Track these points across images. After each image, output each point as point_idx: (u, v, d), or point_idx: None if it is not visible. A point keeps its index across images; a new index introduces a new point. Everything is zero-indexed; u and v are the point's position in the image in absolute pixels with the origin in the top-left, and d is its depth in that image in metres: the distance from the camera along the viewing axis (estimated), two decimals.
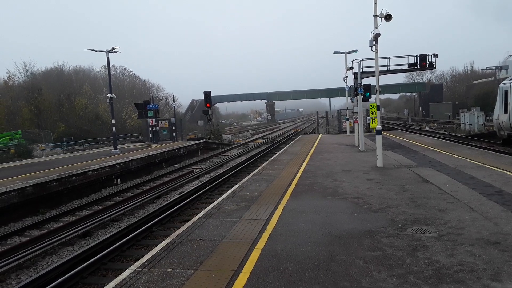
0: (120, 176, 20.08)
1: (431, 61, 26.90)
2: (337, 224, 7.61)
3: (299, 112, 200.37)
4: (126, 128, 54.60)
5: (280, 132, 59.66)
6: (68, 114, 51.37)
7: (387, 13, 13.63)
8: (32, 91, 50.08)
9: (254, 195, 10.76)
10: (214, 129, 41.17)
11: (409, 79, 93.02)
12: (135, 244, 10.05)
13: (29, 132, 44.02)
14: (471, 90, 69.19)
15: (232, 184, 16.20)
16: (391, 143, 23.46)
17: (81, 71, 68.51)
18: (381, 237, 6.71)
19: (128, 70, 69.54)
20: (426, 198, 9.28)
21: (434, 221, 7.49)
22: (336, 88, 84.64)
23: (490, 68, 64.90)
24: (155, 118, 33.65)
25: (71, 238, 10.85)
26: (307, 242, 6.67)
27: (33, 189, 14.42)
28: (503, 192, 9.47)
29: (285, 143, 35.37)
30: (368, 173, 13.37)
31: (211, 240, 7.03)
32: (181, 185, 18.24)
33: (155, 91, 70.05)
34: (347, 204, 9.13)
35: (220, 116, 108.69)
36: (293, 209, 8.89)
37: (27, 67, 59.22)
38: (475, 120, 37.63)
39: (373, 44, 14.37)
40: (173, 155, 26.65)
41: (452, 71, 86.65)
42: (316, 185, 11.58)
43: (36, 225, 12.81)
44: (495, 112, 20.61)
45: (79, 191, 16.92)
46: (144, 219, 11.95)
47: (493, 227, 6.96)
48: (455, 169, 13.17)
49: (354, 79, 24.48)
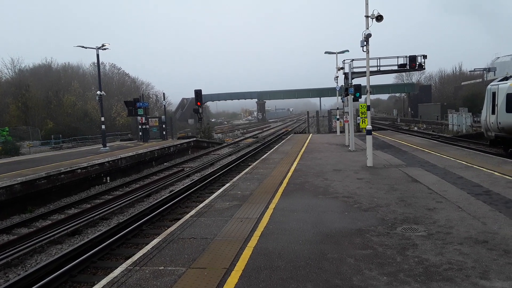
0: (109, 174, 19.91)
1: (421, 62, 27.07)
2: (328, 223, 7.66)
3: (289, 112, 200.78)
4: (115, 126, 54.10)
5: (270, 131, 59.73)
6: (56, 111, 50.71)
7: (378, 14, 13.74)
8: (19, 87, 49.33)
9: (245, 193, 10.77)
10: (205, 128, 41.07)
11: (398, 80, 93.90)
12: (125, 243, 9.99)
13: (17, 129, 43.34)
14: (459, 91, 70.07)
15: (223, 183, 16.20)
16: (380, 143, 23.66)
17: (70, 68, 67.62)
18: (372, 236, 6.77)
19: (117, 67, 68.84)
20: (415, 198, 9.39)
21: (424, 220, 7.58)
22: (326, 88, 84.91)
23: (478, 69, 65.68)
24: (145, 116, 33.43)
25: (60, 236, 10.74)
26: (299, 240, 6.71)
27: (21, 187, 14.23)
28: (491, 192, 9.63)
29: (276, 142, 35.45)
30: (358, 172, 13.47)
31: (203, 239, 7.02)
32: (172, 184, 18.16)
33: (145, 89, 69.59)
34: (338, 203, 9.20)
35: (210, 115, 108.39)
36: (285, 208, 8.93)
37: (14, 63, 58.42)
38: (463, 121, 38.11)
39: (364, 44, 14.46)
40: (163, 153, 26.52)
41: (441, 72, 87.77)
42: (307, 184, 11.64)
43: (24, 223, 12.65)
44: (483, 113, 20.89)
45: (68, 189, 16.74)
46: (134, 217, 11.87)
47: (481, 226, 7.07)
48: (443, 169, 13.34)
49: (345, 79, 24.59)
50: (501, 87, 18.80)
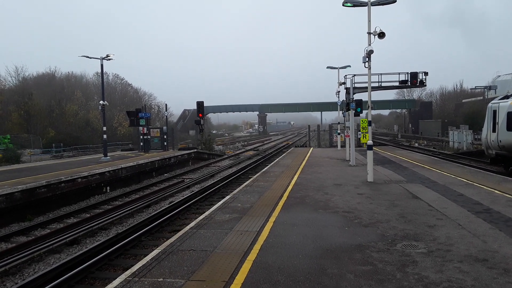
0: (109, 184, 19.90)
1: (422, 79, 27.23)
2: (328, 237, 7.65)
3: (290, 125, 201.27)
4: (117, 136, 54.22)
5: (271, 144, 59.78)
6: (58, 120, 50.90)
7: (380, 31, 13.89)
8: (22, 95, 49.57)
9: (245, 206, 10.76)
10: (206, 139, 41.10)
11: (399, 96, 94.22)
12: (123, 254, 9.94)
13: (18, 137, 43.45)
14: (460, 108, 70.29)
15: (223, 195, 16.18)
16: (381, 159, 23.68)
17: (73, 77, 68.02)
18: (372, 252, 6.76)
19: (120, 77, 69.27)
20: (415, 214, 9.38)
21: (424, 237, 7.57)
22: (327, 102, 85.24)
23: (479, 87, 66.09)
24: (147, 127, 33.52)
25: (59, 245, 10.69)
26: (299, 255, 6.69)
27: (21, 195, 14.22)
28: (491, 210, 9.61)
29: (277, 155, 35.47)
30: (359, 187, 13.47)
31: (202, 251, 7.01)
32: (171, 195, 18.14)
33: (147, 100, 69.82)
34: (338, 218, 9.18)
35: (211, 127, 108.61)
36: (285, 222, 8.91)
37: (18, 72, 58.73)
38: (464, 138, 38.14)
39: (366, 60, 14.60)
40: (163, 164, 26.53)
41: (442, 89, 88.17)
42: (307, 198, 11.63)
43: (23, 231, 12.61)
44: (484, 131, 20.96)
45: (67, 198, 16.72)
46: (133, 228, 11.84)
47: (482, 244, 7.05)
48: (444, 186, 13.34)
49: (346, 94, 24.72)
50: (502, 105, 18.90)
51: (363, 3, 14.44)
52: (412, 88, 78.91)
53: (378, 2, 14.39)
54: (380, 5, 14.41)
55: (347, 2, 14.50)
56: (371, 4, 14.31)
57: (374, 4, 14.36)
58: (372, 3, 14.32)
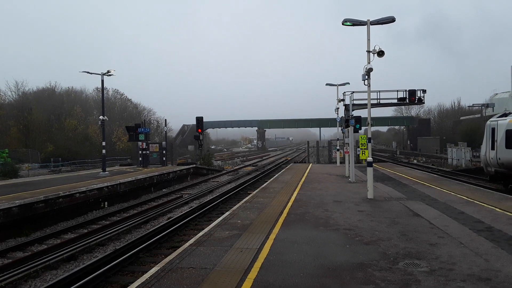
0: (107, 199, 19.77)
1: (420, 96, 27.49)
2: (329, 255, 7.57)
3: (289, 141, 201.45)
4: (115, 151, 54.15)
5: (270, 160, 59.72)
6: (57, 134, 50.89)
7: (379, 49, 14.03)
8: (22, 110, 49.69)
9: (245, 223, 10.68)
10: (205, 155, 41.08)
11: (398, 113, 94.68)
12: (121, 270, 9.82)
13: (16, 151, 43.36)
14: (458, 125, 70.61)
15: (222, 211, 16.08)
16: (380, 175, 23.64)
17: (73, 92, 68.28)
18: (374, 270, 6.68)
19: (120, 93, 69.50)
20: (417, 232, 9.32)
21: (426, 255, 7.50)
22: (326, 119, 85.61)
23: (477, 105, 66.52)
24: (146, 142, 33.51)
25: (56, 261, 10.56)
26: (300, 273, 6.61)
27: (18, 210, 14.10)
28: (493, 228, 9.56)
29: (276, 171, 35.39)
30: (359, 204, 13.41)
31: (202, 269, 6.92)
32: (170, 210, 18.01)
33: (146, 115, 69.95)
34: (339, 236, 9.11)
35: (210, 142, 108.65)
36: (285, 239, 8.84)
37: (18, 86, 58.93)
38: (463, 155, 38.21)
39: (365, 78, 14.70)
40: (162, 179, 26.42)
41: (440, 107, 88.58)
42: (307, 215, 11.56)
43: (20, 247, 12.46)
44: (482, 148, 21.00)
45: (65, 213, 16.58)
46: (131, 244, 11.70)
47: (484, 263, 6.99)
48: (444, 203, 13.29)
49: (345, 110, 24.85)
50: (501, 123, 18.98)
51: (362, 22, 14.64)
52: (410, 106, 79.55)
53: (378, 22, 14.58)
54: (380, 24, 14.59)
55: (347, 21, 14.69)
56: (370, 24, 14.51)
57: (374, 23, 14.55)
58: (371, 22, 14.52)
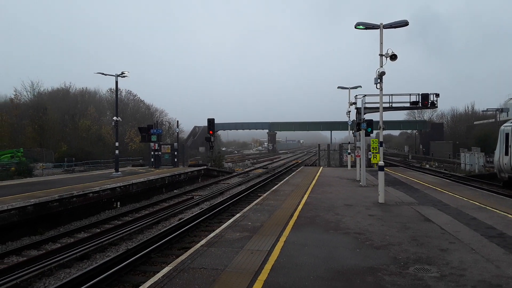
0: (120, 199, 20.03)
1: (433, 100, 27.27)
2: (339, 259, 7.60)
3: (300, 144, 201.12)
4: (128, 151, 54.77)
5: (280, 163, 59.70)
6: (71, 134, 51.68)
7: (392, 53, 14.00)
8: (37, 110, 50.58)
9: (256, 225, 10.75)
10: (216, 157, 41.26)
11: (410, 117, 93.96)
12: (133, 270, 9.96)
13: (31, 151, 44.15)
14: (471, 130, 69.74)
15: (232, 213, 16.17)
16: (392, 180, 23.50)
17: (87, 93, 69.32)
18: (384, 275, 6.70)
19: (133, 94, 70.42)
20: (428, 237, 9.28)
21: (436, 260, 7.48)
22: (337, 122, 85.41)
23: (491, 109, 65.67)
24: (158, 143, 33.84)
25: (69, 260, 10.76)
26: (310, 276, 6.66)
27: (33, 208, 14.39)
28: (505, 235, 9.48)
29: (286, 174, 35.40)
30: (370, 208, 13.38)
31: (213, 269, 7.01)
32: (181, 211, 18.17)
33: (158, 116, 70.66)
34: (349, 239, 9.13)
35: (221, 144, 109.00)
36: (295, 242, 8.88)
37: (34, 86, 60.00)
38: (476, 160, 37.73)
39: (378, 81, 14.66)
40: (173, 180, 26.65)
41: (453, 111, 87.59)
42: (318, 218, 11.58)
43: (34, 245, 12.72)
44: (496, 154, 20.78)
45: (78, 212, 16.85)
46: (143, 244, 11.86)
47: (495, 269, 6.95)
48: (456, 209, 13.19)
49: (357, 114, 24.83)
50: None
51: (375, 26, 14.62)
52: (423, 109, 78.77)
53: (390, 25, 14.56)
54: (393, 27, 14.56)
55: (360, 24, 14.69)
56: (383, 27, 14.49)
57: (386, 27, 14.53)
58: (384, 26, 14.50)
